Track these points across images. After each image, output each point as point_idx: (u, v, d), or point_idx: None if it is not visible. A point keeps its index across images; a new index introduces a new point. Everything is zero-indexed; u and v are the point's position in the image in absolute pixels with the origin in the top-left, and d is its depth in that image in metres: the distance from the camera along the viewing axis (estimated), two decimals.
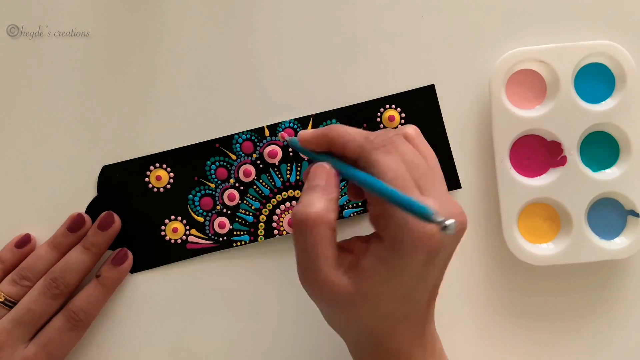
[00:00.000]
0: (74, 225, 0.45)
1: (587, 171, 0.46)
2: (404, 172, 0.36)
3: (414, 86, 0.47)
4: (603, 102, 0.46)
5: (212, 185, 0.47)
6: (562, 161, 0.46)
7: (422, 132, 0.46)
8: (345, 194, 0.46)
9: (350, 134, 0.38)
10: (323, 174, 0.38)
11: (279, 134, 0.46)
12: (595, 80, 0.46)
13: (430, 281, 0.37)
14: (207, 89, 0.47)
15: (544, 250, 0.46)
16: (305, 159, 0.46)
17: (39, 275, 0.44)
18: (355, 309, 0.37)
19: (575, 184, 0.45)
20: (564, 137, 0.45)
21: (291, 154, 0.46)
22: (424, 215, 0.32)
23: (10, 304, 0.43)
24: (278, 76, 0.47)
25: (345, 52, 0.47)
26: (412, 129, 0.39)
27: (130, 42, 0.47)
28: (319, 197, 0.36)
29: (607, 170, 0.46)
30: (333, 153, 0.39)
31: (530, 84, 0.47)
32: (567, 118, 0.45)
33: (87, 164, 0.46)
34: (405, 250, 0.35)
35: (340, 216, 0.46)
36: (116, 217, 0.46)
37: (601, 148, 0.46)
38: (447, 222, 0.31)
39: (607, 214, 0.46)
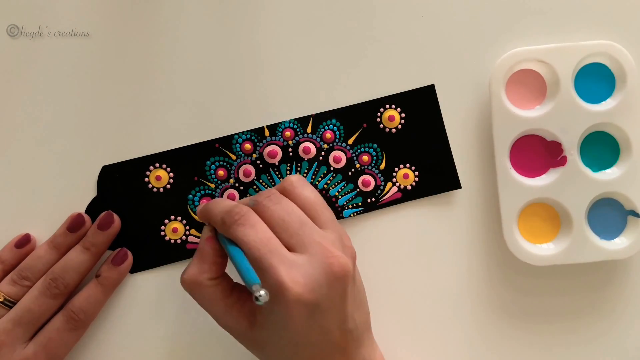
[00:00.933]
0: (74, 225, 0.45)
1: (587, 171, 0.46)
2: (262, 240, 0.37)
3: (414, 86, 0.47)
4: (603, 102, 0.46)
5: (212, 185, 0.47)
6: (562, 161, 0.45)
7: (422, 132, 0.47)
8: (342, 195, 0.46)
9: (214, 215, 0.40)
10: (202, 238, 0.41)
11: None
12: (595, 80, 0.46)
13: (331, 324, 0.38)
14: (207, 89, 0.47)
15: (544, 250, 0.46)
16: (304, 160, 0.47)
17: (38, 275, 0.44)
18: (258, 351, 0.40)
19: (575, 184, 0.45)
20: (564, 137, 0.45)
21: (291, 154, 0.46)
22: (249, 287, 0.35)
23: (10, 303, 0.43)
24: (278, 76, 0.47)
25: (345, 52, 0.47)
26: (291, 180, 0.41)
27: (130, 42, 0.47)
28: (194, 261, 0.40)
29: (607, 170, 0.46)
30: None
31: (530, 84, 0.47)
32: (567, 118, 0.45)
33: (87, 164, 0.46)
34: (280, 311, 0.36)
35: (340, 217, 0.46)
36: (116, 217, 0.46)
37: (601, 148, 0.46)
38: (256, 294, 0.34)
39: (607, 214, 0.46)
